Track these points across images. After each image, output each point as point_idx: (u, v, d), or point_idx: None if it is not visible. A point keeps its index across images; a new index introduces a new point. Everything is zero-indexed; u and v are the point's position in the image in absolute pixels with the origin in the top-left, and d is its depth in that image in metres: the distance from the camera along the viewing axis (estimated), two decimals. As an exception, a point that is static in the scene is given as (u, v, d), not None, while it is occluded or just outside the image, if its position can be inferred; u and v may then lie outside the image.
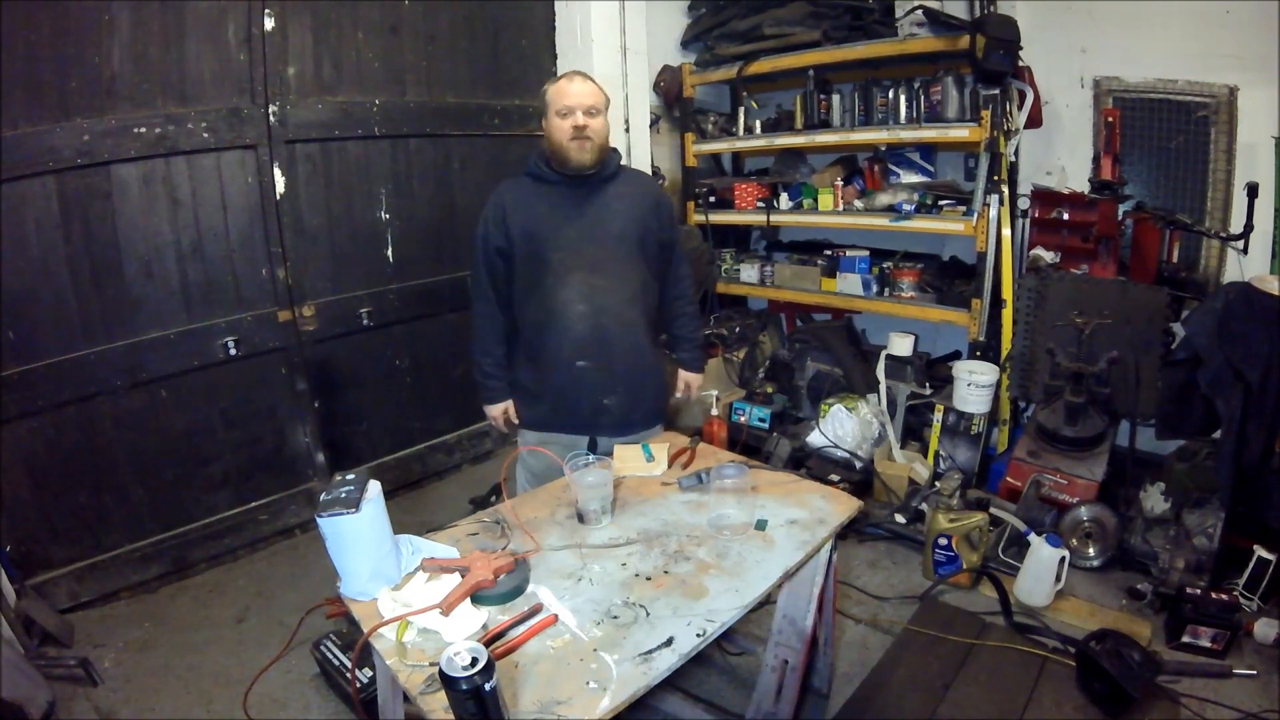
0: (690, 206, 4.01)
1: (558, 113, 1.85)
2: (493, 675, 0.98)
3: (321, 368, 2.95)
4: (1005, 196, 2.96)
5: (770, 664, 1.72)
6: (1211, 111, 2.94)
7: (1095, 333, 2.72)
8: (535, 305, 1.95)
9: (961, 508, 2.52)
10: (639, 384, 2.03)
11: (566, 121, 1.84)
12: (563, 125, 1.85)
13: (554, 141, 1.88)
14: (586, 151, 1.86)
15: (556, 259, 1.90)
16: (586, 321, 1.91)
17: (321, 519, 1.30)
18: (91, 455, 2.47)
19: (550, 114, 1.88)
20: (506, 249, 1.93)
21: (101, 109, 2.30)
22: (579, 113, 1.83)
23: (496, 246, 1.94)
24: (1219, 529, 2.30)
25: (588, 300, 1.91)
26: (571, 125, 1.83)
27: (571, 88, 1.86)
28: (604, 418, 2.00)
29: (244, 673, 2.16)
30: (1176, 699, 1.92)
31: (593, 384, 1.96)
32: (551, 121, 1.88)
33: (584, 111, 1.84)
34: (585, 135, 1.84)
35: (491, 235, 1.94)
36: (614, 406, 2.00)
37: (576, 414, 2.00)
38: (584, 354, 1.93)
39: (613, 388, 1.98)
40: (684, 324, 2.21)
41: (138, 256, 2.46)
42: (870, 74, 3.35)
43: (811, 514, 1.65)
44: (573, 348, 1.93)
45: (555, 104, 1.86)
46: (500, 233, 1.92)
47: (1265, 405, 2.19)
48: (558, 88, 1.87)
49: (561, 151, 1.87)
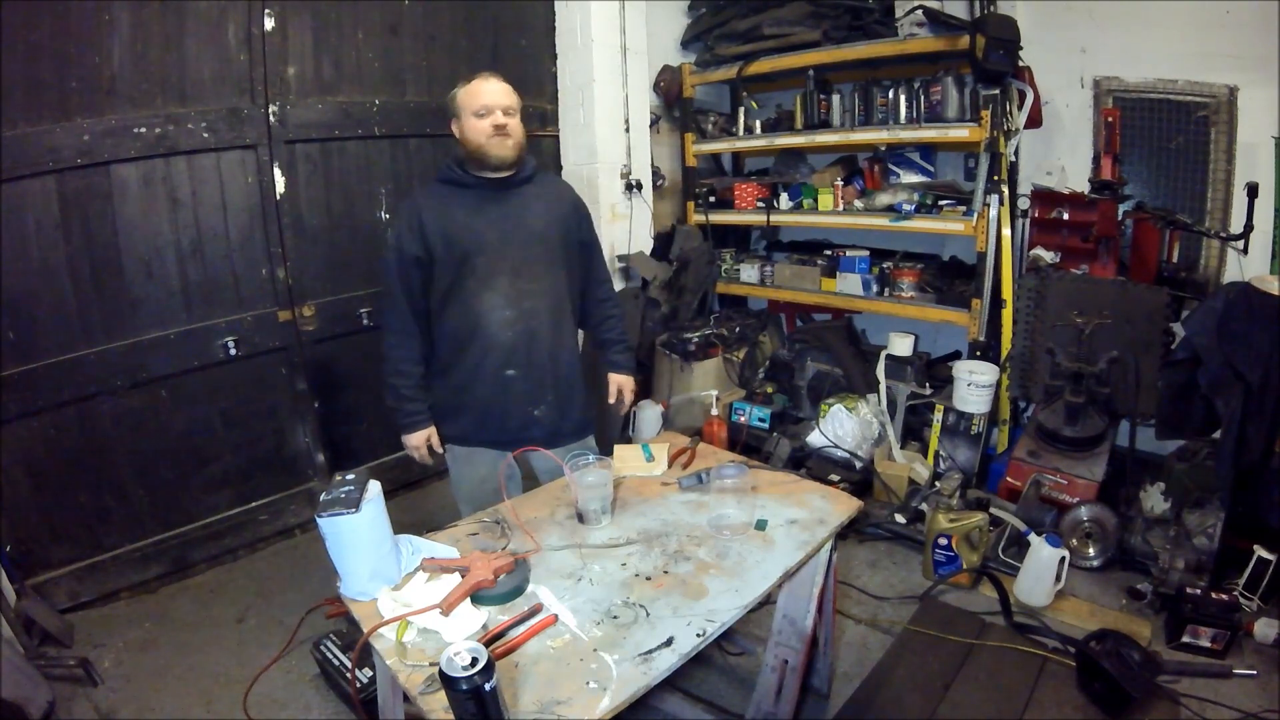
0: (690, 206, 4.01)
1: (474, 113, 1.79)
2: (493, 675, 0.98)
3: (321, 368, 2.95)
4: (1005, 196, 2.96)
5: (770, 664, 1.72)
6: (1211, 111, 2.94)
7: (1095, 333, 2.72)
8: (456, 314, 1.86)
9: (961, 508, 2.52)
10: (568, 392, 1.97)
11: (485, 120, 1.78)
12: (481, 124, 1.79)
13: (472, 142, 1.81)
14: (508, 148, 1.80)
15: (479, 263, 1.82)
16: (514, 328, 1.86)
17: (321, 519, 1.30)
18: (91, 455, 2.47)
19: (465, 116, 1.81)
20: (424, 257, 1.82)
21: (101, 109, 2.30)
22: (498, 111, 1.78)
23: (414, 256, 1.82)
24: (1219, 529, 2.30)
25: (514, 305, 1.85)
26: (491, 124, 1.78)
27: (487, 86, 1.80)
28: (533, 429, 1.92)
29: (244, 673, 2.16)
30: (1176, 699, 1.92)
31: (521, 394, 1.90)
32: (467, 123, 1.81)
33: (502, 110, 1.79)
34: (505, 132, 1.79)
35: (406, 244, 1.82)
36: (543, 418, 1.93)
37: (504, 427, 1.92)
38: (511, 362, 1.87)
39: (542, 397, 1.92)
40: (611, 326, 2.13)
41: (138, 256, 2.46)
42: (870, 74, 3.35)
43: (811, 514, 1.65)
44: (500, 356, 1.86)
45: (470, 105, 1.80)
46: (416, 240, 1.81)
47: (1265, 405, 2.19)
48: (470, 89, 1.81)
49: (481, 151, 1.80)
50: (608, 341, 2.14)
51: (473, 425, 1.95)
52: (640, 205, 3.63)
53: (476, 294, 1.84)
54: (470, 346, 1.87)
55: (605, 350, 2.15)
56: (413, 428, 1.93)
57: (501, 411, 1.92)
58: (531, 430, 1.93)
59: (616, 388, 2.16)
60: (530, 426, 1.93)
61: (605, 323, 2.13)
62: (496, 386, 1.89)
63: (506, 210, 1.86)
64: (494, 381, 1.89)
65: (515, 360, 1.88)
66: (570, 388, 1.99)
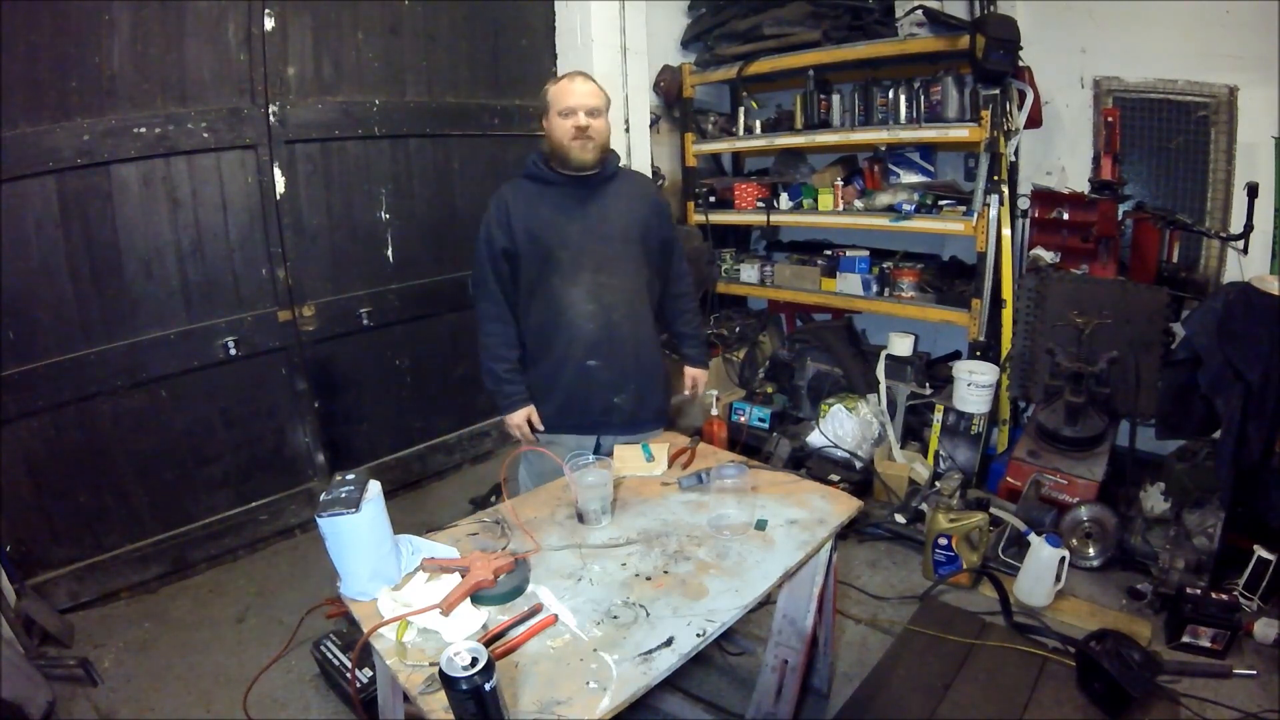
0: (690, 206, 4.01)
1: (560, 113, 1.86)
2: (493, 675, 0.98)
3: (321, 368, 2.95)
4: (1005, 196, 2.96)
5: (770, 664, 1.72)
6: (1211, 111, 2.94)
7: (1095, 333, 2.72)
8: (541, 306, 1.95)
9: (961, 508, 2.52)
10: (647, 381, 2.04)
11: (569, 121, 1.84)
12: (565, 125, 1.85)
13: (556, 141, 1.88)
14: (589, 151, 1.87)
15: (563, 258, 1.90)
16: (596, 320, 1.92)
17: (321, 519, 1.30)
18: (91, 455, 2.46)
19: (552, 114, 1.88)
20: (512, 250, 1.92)
21: (101, 109, 2.30)
22: (581, 113, 1.84)
23: (502, 249, 1.92)
24: (1219, 529, 2.30)
25: (596, 299, 1.92)
26: (574, 125, 1.84)
27: (574, 87, 1.86)
28: (613, 416, 2.01)
29: (244, 673, 2.16)
30: (1176, 699, 1.92)
31: (603, 383, 1.97)
32: (553, 121, 1.88)
33: (586, 112, 1.84)
34: (588, 135, 1.85)
35: (496, 237, 1.92)
36: (623, 405, 2.01)
37: (586, 414, 2.00)
38: (594, 353, 1.94)
39: (622, 386, 1.99)
40: (687, 321, 2.23)
41: (138, 256, 2.46)
42: (870, 74, 3.35)
43: (811, 514, 1.65)
44: (583, 347, 1.93)
45: (557, 104, 1.87)
46: (505, 234, 1.91)
47: (1265, 405, 2.19)
48: (560, 87, 1.88)
49: (563, 151, 1.87)
50: (683, 335, 2.25)
51: (556, 412, 2.02)
52: (640, 205, 3.63)
53: (561, 288, 1.92)
54: (555, 337, 1.95)
55: (681, 343, 2.26)
56: (513, 407, 2.02)
57: (583, 398, 1.99)
58: (611, 416, 2.01)
59: (691, 379, 2.25)
60: (611, 413, 2.01)
61: (681, 317, 2.22)
62: (580, 375, 1.96)
63: (589, 208, 1.93)
64: (578, 370, 1.96)
65: (598, 351, 1.95)
66: (650, 378, 2.05)
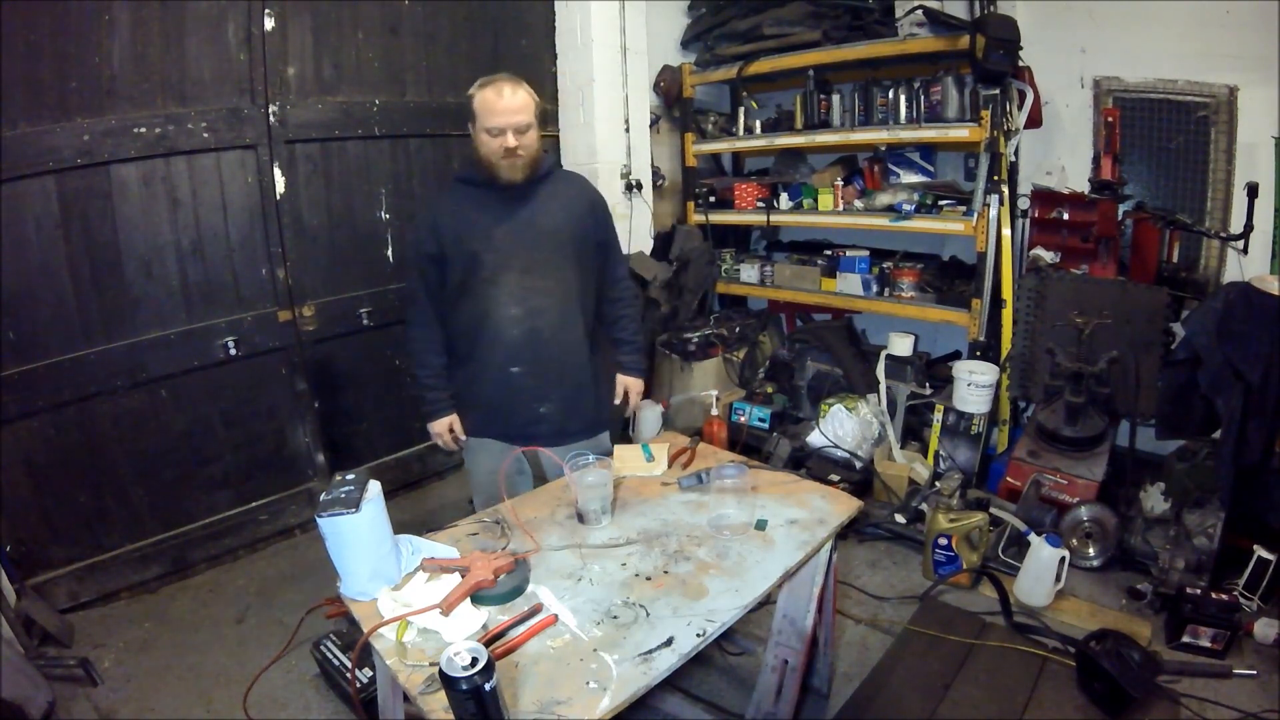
0: (690, 206, 4.01)
1: (486, 130, 1.76)
2: (493, 675, 0.98)
3: (321, 368, 2.95)
4: (1005, 196, 2.96)
5: (770, 664, 1.72)
6: (1211, 111, 2.94)
7: (1095, 333, 2.72)
8: (466, 310, 1.89)
9: (961, 508, 2.52)
10: (575, 391, 1.97)
11: (496, 141, 1.75)
12: (492, 144, 1.76)
13: (482, 156, 1.80)
14: (518, 170, 1.79)
15: (487, 260, 1.84)
16: (520, 325, 1.87)
17: (321, 519, 1.30)
18: (91, 455, 2.47)
19: (477, 126, 1.78)
20: (438, 254, 1.87)
21: (101, 109, 2.30)
22: (510, 133, 1.74)
23: (429, 253, 1.87)
24: (1219, 529, 2.30)
25: (521, 303, 1.86)
26: (502, 146, 1.75)
27: (501, 103, 1.74)
28: (540, 426, 1.94)
29: (244, 673, 2.16)
30: (1176, 699, 1.92)
31: (527, 391, 1.91)
32: (479, 137, 1.79)
33: (515, 130, 1.75)
34: (516, 154, 1.77)
35: (423, 241, 1.88)
36: (550, 415, 1.94)
37: (511, 423, 1.95)
38: (517, 359, 1.89)
39: (547, 395, 1.93)
40: (623, 326, 2.14)
41: (138, 256, 2.46)
42: (870, 74, 3.35)
43: (811, 514, 1.65)
44: (505, 352, 1.88)
45: (483, 119, 1.76)
46: (432, 238, 1.86)
47: (1265, 405, 2.19)
48: (485, 102, 1.75)
49: (491, 168, 1.80)
50: (618, 341, 2.16)
51: (482, 419, 1.99)
52: (640, 205, 3.63)
53: (484, 291, 1.87)
54: (478, 342, 1.91)
55: (615, 350, 2.17)
56: (435, 415, 2.00)
57: (507, 408, 1.94)
58: (538, 427, 1.95)
59: (623, 389, 2.18)
60: (537, 423, 1.95)
61: (618, 322, 2.14)
62: (502, 383, 1.92)
63: (519, 209, 1.87)
64: (500, 378, 1.91)
65: (521, 358, 1.89)
66: (578, 387, 1.99)
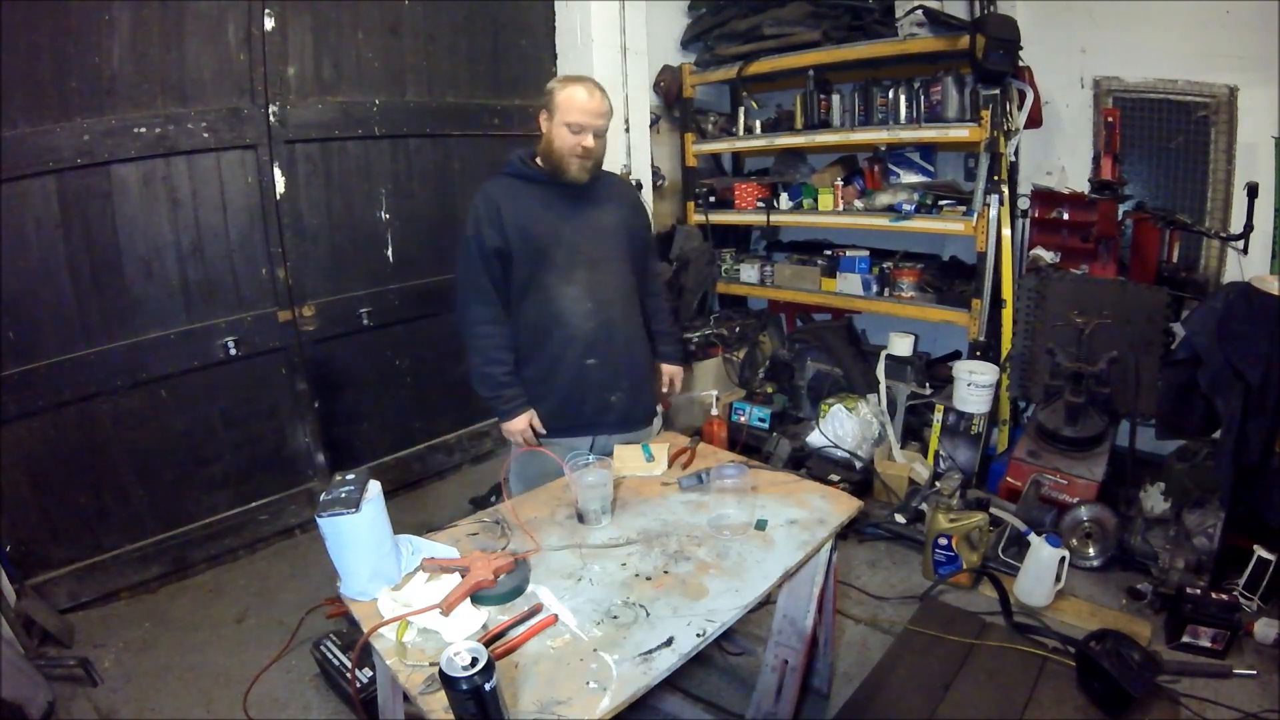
0: (690, 206, 4.01)
1: (568, 125, 1.79)
2: (493, 675, 0.98)
3: (321, 368, 2.95)
4: (1005, 196, 2.96)
5: (770, 664, 1.72)
6: (1211, 111, 2.94)
7: (1095, 333, 2.72)
8: (535, 305, 1.90)
9: (961, 508, 2.52)
10: (641, 379, 2.05)
11: (575, 138, 1.79)
12: (570, 141, 1.80)
13: (555, 150, 1.82)
14: (587, 171, 1.85)
15: (558, 255, 1.87)
16: (593, 318, 1.91)
17: (321, 519, 1.30)
18: (91, 455, 2.46)
19: (556, 120, 1.81)
20: (504, 249, 1.85)
21: (101, 109, 2.30)
22: (590, 134, 1.79)
23: (495, 248, 1.84)
24: (1219, 529, 2.30)
25: (592, 297, 1.90)
26: (581, 144, 1.80)
27: (590, 104, 1.79)
28: (609, 415, 2.00)
29: (244, 673, 2.16)
30: (1176, 699, 1.92)
31: (599, 382, 1.96)
32: (557, 130, 1.81)
33: (594, 133, 1.80)
34: (590, 155, 1.82)
35: (487, 236, 1.84)
36: (619, 403, 2.00)
37: (581, 414, 1.98)
38: (591, 351, 1.92)
39: (618, 384, 1.98)
40: (662, 319, 2.21)
41: (138, 256, 2.46)
42: (870, 74, 3.35)
43: (811, 514, 1.65)
44: (580, 345, 1.91)
45: (566, 114, 1.79)
46: (497, 232, 1.84)
47: (1265, 405, 2.19)
48: (571, 97, 1.79)
49: (562, 164, 1.83)
50: (659, 333, 2.20)
51: (552, 413, 1.98)
52: (640, 205, 3.63)
53: (557, 286, 1.89)
54: (552, 337, 1.92)
55: (657, 342, 2.20)
56: (514, 412, 1.93)
57: (579, 399, 1.97)
58: (606, 415, 2.00)
59: (668, 377, 2.23)
60: (605, 412, 1.99)
61: (657, 315, 2.20)
62: (578, 375, 1.94)
63: (579, 206, 1.91)
64: (577, 370, 1.93)
65: (596, 350, 1.93)
66: (644, 376, 2.07)
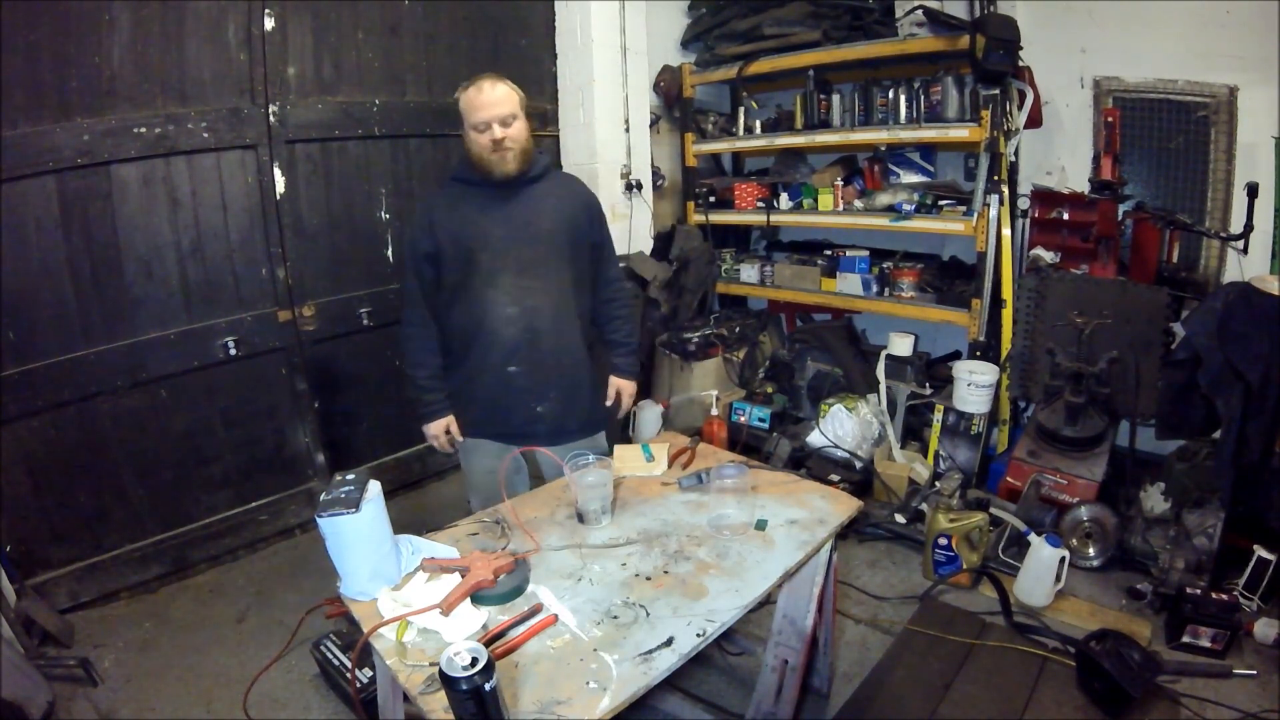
0: (690, 206, 4.01)
1: (473, 127, 1.80)
2: (493, 675, 0.98)
3: (321, 368, 2.95)
4: (1005, 196, 2.96)
5: (770, 664, 1.72)
6: (1211, 111, 2.94)
7: (1095, 333, 2.72)
8: (462, 310, 1.89)
9: (961, 508, 2.52)
10: (572, 390, 1.98)
11: (484, 136, 1.79)
12: (481, 140, 1.80)
13: (475, 155, 1.83)
14: (509, 161, 1.81)
15: (484, 259, 1.85)
16: (516, 325, 1.87)
17: (321, 519, 1.30)
18: (91, 455, 2.47)
19: (465, 127, 1.82)
20: (434, 253, 1.87)
21: (101, 109, 2.30)
22: (495, 125, 1.78)
23: (425, 252, 1.87)
24: (1219, 529, 2.30)
25: (517, 302, 1.87)
26: (489, 139, 1.79)
27: (482, 98, 1.78)
28: (538, 426, 1.95)
29: (244, 673, 2.16)
30: (1176, 699, 1.92)
31: (524, 390, 1.92)
32: (469, 135, 1.82)
33: (499, 123, 1.78)
34: (505, 146, 1.79)
35: (419, 240, 1.88)
36: (547, 414, 1.95)
37: (510, 422, 1.95)
38: (514, 359, 1.89)
39: (544, 394, 1.94)
40: (616, 327, 2.14)
41: (138, 256, 2.46)
42: (870, 74, 3.35)
43: (811, 514, 1.65)
44: (502, 352, 1.89)
45: (469, 117, 1.80)
46: (427, 237, 1.87)
47: (1265, 405, 2.19)
48: (468, 100, 1.80)
49: (483, 164, 1.82)
50: (611, 343, 2.15)
51: (478, 419, 1.99)
52: (640, 205, 3.63)
53: (481, 290, 1.87)
54: (475, 342, 1.91)
55: (608, 351, 2.16)
56: (431, 417, 1.98)
57: (505, 407, 1.95)
58: (535, 426, 1.95)
59: (615, 390, 2.16)
60: (534, 423, 1.95)
61: (611, 323, 2.13)
62: (499, 382, 1.92)
63: (514, 208, 1.88)
64: (497, 377, 1.91)
65: (518, 357, 1.90)
66: (575, 386, 1.99)
